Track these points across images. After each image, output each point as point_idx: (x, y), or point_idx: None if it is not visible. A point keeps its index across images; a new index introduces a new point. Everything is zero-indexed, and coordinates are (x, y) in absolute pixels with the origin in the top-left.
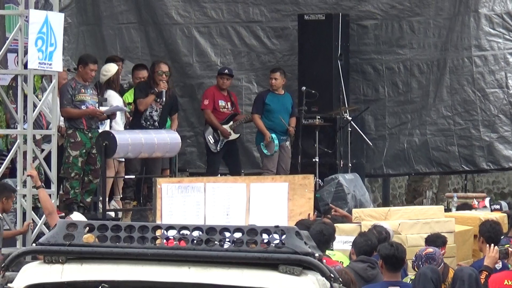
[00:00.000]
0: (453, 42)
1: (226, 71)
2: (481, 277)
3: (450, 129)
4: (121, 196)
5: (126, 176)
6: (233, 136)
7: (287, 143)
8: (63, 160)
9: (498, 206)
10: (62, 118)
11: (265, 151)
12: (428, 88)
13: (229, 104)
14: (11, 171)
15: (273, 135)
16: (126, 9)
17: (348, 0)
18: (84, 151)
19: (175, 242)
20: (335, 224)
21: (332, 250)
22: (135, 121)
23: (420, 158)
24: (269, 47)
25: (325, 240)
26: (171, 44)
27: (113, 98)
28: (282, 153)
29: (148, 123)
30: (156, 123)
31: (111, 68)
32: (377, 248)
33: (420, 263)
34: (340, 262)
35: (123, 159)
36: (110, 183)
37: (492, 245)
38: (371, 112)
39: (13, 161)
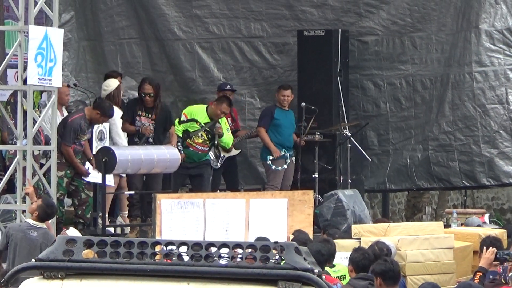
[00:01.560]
0: (455, 58)
1: (228, 86)
2: (475, 278)
3: (451, 145)
4: (128, 213)
5: (126, 192)
6: (234, 152)
7: (293, 158)
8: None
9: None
10: None
11: (273, 167)
12: (431, 103)
13: (229, 120)
14: (9, 187)
15: (284, 150)
16: (127, 25)
17: (349, 16)
18: (69, 171)
19: (174, 258)
20: (334, 240)
21: (334, 266)
22: (130, 139)
23: (421, 174)
24: (270, 63)
25: (324, 260)
26: (174, 59)
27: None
28: (288, 169)
29: (140, 139)
30: (150, 139)
31: (111, 83)
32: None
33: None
34: (343, 276)
35: (125, 175)
36: (109, 199)
37: (491, 248)
38: (373, 128)
39: (10, 177)
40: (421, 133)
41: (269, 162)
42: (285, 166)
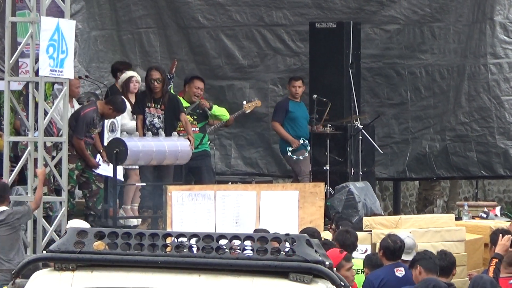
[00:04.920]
0: (471, 49)
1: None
2: (491, 264)
3: (468, 136)
4: (137, 204)
5: (137, 184)
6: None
7: (308, 148)
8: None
9: (485, 215)
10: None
11: (294, 157)
12: (448, 93)
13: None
14: (20, 178)
15: (302, 139)
16: (144, 14)
17: (371, 5)
18: (80, 164)
19: (185, 250)
20: None
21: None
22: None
23: (441, 163)
24: (294, 50)
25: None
26: (198, 47)
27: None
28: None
29: (151, 132)
30: (161, 130)
31: (123, 75)
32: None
33: None
34: (360, 270)
35: (137, 167)
36: (131, 191)
37: (506, 235)
38: (395, 116)
39: (22, 168)
40: (439, 123)
41: (289, 154)
42: (306, 154)
